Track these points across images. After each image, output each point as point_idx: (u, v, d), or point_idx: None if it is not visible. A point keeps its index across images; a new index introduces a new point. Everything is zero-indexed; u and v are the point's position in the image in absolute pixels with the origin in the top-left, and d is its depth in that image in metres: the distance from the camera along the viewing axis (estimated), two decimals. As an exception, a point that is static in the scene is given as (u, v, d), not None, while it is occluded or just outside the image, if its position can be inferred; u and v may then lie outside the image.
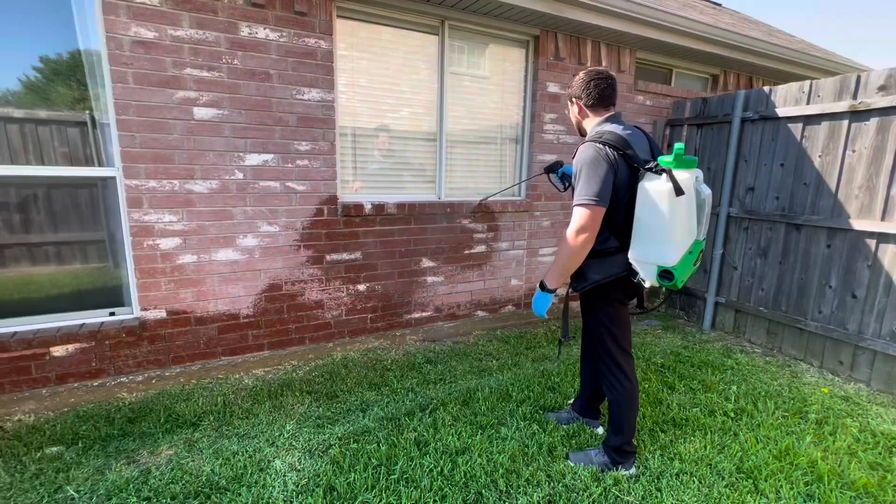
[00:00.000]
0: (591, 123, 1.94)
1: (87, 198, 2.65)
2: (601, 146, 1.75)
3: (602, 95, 1.89)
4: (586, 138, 1.87)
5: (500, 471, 2.04)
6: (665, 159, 1.70)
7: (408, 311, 3.61)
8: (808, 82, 3.30)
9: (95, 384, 2.68)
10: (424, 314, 3.69)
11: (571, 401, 2.58)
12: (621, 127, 1.85)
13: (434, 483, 1.95)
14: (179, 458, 2.13)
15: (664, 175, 1.66)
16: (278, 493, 1.90)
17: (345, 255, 3.28)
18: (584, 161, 1.75)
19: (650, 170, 1.71)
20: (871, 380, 3.00)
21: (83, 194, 2.64)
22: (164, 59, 2.55)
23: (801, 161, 3.34)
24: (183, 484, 1.93)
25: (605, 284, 1.87)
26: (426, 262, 3.61)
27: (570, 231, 1.75)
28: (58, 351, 2.57)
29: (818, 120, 3.23)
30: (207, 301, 2.91)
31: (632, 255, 1.78)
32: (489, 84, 3.80)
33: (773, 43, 4.65)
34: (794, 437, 2.36)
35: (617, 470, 2.03)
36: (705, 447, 2.26)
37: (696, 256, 1.75)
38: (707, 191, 1.77)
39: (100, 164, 2.64)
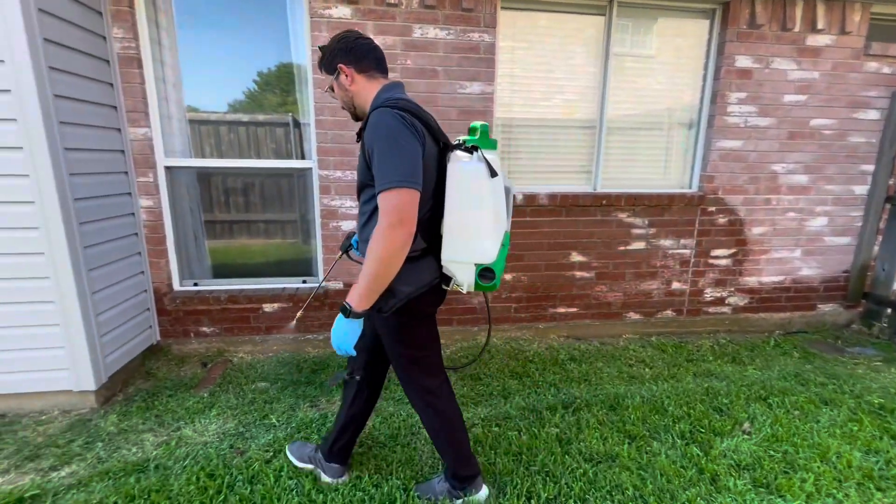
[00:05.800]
0: (370, 93, 1.47)
1: (287, 185, 3.22)
2: (402, 112, 1.32)
3: (377, 58, 1.49)
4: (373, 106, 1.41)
5: (650, 487, 1.88)
6: (468, 137, 1.45)
7: (553, 305, 3.53)
8: None
9: (290, 338, 3.28)
10: (570, 310, 3.57)
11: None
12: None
13: (576, 484, 1.89)
14: (348, 409, 2.48)
15: (475, 154, 1.38)
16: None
17: (494, 244, 3.35)
18: (383, 131, 1.29)
19: (458, 147, 1.41)
20: None
21: (284, 182, 3.22)
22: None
23: None
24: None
25: (416, 297, 1.44)
26: (576, 257, 3.46)
27: (383, 228, 1.26)
28: (267, 307, 3.21)
29: None
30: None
31: (446, 256, 1.44)
32: (655, 63, 3.41)
33: None
34: None
35: (460, 498, 1.73)
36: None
37: (506, 250, 1.50)
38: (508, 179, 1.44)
39: (299, 158, 3.18)
